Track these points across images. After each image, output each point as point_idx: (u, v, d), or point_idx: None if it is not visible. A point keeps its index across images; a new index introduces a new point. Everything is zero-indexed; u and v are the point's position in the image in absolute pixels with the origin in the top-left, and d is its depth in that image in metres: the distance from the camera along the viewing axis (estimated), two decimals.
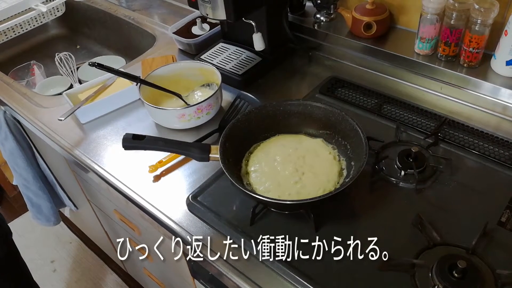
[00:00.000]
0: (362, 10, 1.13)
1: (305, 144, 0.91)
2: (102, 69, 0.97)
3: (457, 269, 0.68)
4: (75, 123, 1.12)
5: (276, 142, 0.92)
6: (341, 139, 0.90)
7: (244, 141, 0.92)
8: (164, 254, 1.14)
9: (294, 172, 0.85)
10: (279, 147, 0.91)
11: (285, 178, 0.84)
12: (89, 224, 1.71)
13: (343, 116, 0.88)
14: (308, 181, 0.84)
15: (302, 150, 0.89)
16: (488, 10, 0.93)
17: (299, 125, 0.94)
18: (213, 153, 0.84)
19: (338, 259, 0.76)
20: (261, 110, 0.92)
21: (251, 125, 0.91)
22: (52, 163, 1.46)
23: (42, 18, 1.62)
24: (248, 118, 0.91)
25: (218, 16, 1.00)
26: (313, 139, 0.93)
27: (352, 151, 0.87)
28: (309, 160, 0.87)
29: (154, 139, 0.87)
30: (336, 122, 0.90)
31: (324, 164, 0.87)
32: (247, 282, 0.75)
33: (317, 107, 0.92)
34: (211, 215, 0.85)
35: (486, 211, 0.81)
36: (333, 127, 0.91)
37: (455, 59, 1.05)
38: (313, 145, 0.91)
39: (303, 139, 0.93)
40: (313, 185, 0.83)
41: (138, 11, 1.56)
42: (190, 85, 1.13)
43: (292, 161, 0.87)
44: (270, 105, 0.93)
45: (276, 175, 0.85)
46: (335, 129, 0.91)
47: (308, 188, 0.83)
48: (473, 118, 1.00)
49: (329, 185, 0.83)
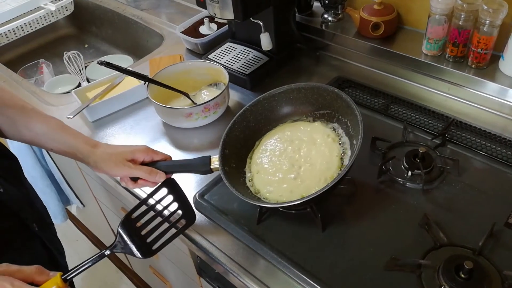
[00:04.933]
0: (370, 10, 1.13)
1: (302, 133, 0.89)
2: (111, 67, 0.98)
3: (464, 270, 0.68)
4: (83, 121, 1.12)
5: (272, 136, 0.91)
6: (341, 116, 0.87)
7: (248, 140, 0.91)
8: (170, 252, 1.15)
9: (291, 168, 0.84)
10: (274, 142, 0.89)
11: (284, 174, 0.84)
12: (96, 221, 1.72)
13: (337, 93, 0.85)
14: (306, 175, 0.82)
15: (297, 141, 0.88)
16: (496, 11, 0.93)
17: (298, 111, 0.92)
18: (214, 163, 0.82)
19: (344, 259, 0.76)
20: (256, 105, 0.91)
21: (250, 123, 0.91)
22: (60, 161, 1.47)
23: (51, 17, 1.64)
24: (244, 117, 0.90)
25: (226, 16, 1.00)
26: (311, 123, 0.91)
27: (352, 128, 0.84)
28: (304, 151, 0.86)
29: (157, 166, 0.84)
30: (332, 100, 0.87)
31: (322, 151, 0.85)
32: (253, 281, 0.76)
33: (310, 88, 0.90)
34: (218, 213, 0.85)
35: (493, 212, 0.80)
36: (330, 105, 0.88)
37: (463, 60, 1.05)
38: (310, 132, 0.89)
39: (299, 126, 0.91)
40: (312, 178, 0.81)
41: (146, 10, 1.57)
42: (197, 84, 1.13)
43: (288, 155, 0.86)
44: (264, 98, 0.91)
45: (276, 173, 0.84)
46: (333, 108, 0.88)
47: (307, 182, 0.81)
48: (481, 119, 1.00)
49: (330, 172, 0.81)
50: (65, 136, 0.82)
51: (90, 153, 0.80)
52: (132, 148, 0.81)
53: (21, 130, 0.82)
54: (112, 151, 0.80)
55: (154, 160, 0.82)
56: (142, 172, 0.79)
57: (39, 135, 0.83)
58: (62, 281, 0.61)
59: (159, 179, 0.80)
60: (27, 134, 0.83)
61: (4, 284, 0.55)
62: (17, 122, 0.82)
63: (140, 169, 0.79)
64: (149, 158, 0.82)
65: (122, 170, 0.79)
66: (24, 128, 0.82)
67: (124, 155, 0.80)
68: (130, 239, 0.69)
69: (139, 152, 0.81)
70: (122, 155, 0.80)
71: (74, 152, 0.82)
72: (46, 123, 0.83)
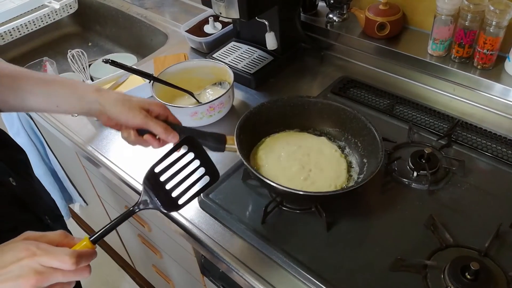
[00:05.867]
0: (376, 10, 1.13)
1: (309, 142, 0.91)
2: (116, 66, 0.98)
3: (470, 271, 0.68)
4: (87, 120, 1.12)
5: (280, 139, 0.92)
6: (350, 136, 0.90)
7: (253, 136, 0.91)
8: (173, 251, 1.15)
9: (301, 169, 0.85)
10: (283, 144, 0.90)
11: (293, 174, 0.84)
12: (99, 220, 1.72)
13: (355, 114, 0.88)
14: (317, 177, 0.83)
15: (305, 148, 0.89)
16: (503, 12, 0.93)
17: (308, 122, 0.94)
18: (229, 143, 0.79)
19: (349, 259, 0.76)
20: (273, 103, 0.91)
21: (261, 119, 0.91)
22: (63, 159, 1.47)
23: (55, 15, 1.64)
24: (259, 110, 0.90)
25: (232, 15, 1.00)
26: (317, 137, 0.92)
27: (364, 148, 0.87)
28: (314, 157, 0.87)
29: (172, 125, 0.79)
30: (347, 120, 0.89)
31: (331, 161, 0.87)
32: (258, 280, 0.76)
33: (328, 105, 0.91)
34: (222, 212, 0.85)
35: (499, 213, 0.80)
36: (343, 125, 0.91)
37: (469, 61, 1.05)
38: (317, 143, 0.91)
39: (306, 137, 0.92)
40: (323, 181, 0.83)
41: (150, 9, 1.57)
42: (201, 83, 1.13)
43: (297, 158, 0.87)
44: (281, 100, 0.92)
45: (284, 172, 0.85)
46: (345, 127, 0.91)
47: (318, 183, 0.82)
48: (486, 120, 1.00)
49: (339, 181, 0.83)
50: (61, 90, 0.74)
51: (97, 96, 0.72)
52: (148, 99, 0.75)
53: (24, 96, 0.75)
54: (124, 96, 0.73)
55: (168, 120, 0.76)
56: (158, 126, 0.72)
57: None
58: (91, 243, 0.59)
59: (173, 139, 0.73)
60: (31, 99, 0.75)
61: (30, 247, 0.54)
62: (17, 90, 0.75)
63: (157, 123, 0.72)
64: (164, 116, 0.75)
65: (137, 117, 0.71)
66: (28, 94, 0.75)
67: (140, 103, 0.73)
68: (154, 193, 0.66)
69: (156, 105, 0.74)
70: (138, 102, 0.73)
71: (76, 102, 0.74)
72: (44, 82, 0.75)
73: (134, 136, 0.73)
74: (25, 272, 0.53)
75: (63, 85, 0.74)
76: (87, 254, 0.57)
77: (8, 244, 0.56)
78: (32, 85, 0.74)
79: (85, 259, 0.57)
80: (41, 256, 0.54)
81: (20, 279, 0.52)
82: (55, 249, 0.55)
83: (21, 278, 0.52)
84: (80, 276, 0.57)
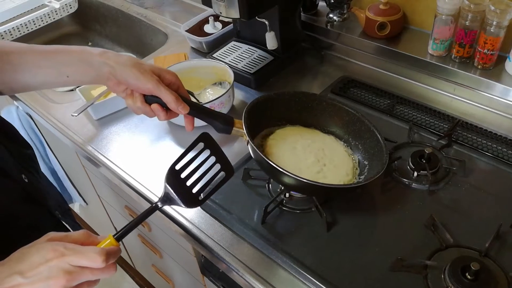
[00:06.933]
0: (376, 10, 1.13)
1: (321, 138, 0.91)
2: None
3: (470, 271, 0.68)
4: (87, 119, 1.12)
5: (292, 131, 0.91)
6: (351, 138, 0.90)
7: (257, 124, 0.89)
8: (174, 251, 1.15)
9: (316, 162, 0.84)
10: (296, 137, 0.89)
11: (307, 166, 0.83)
12: (99, 220, 1.72)
13: (359, 117, 0.88)
14: (330, 173, 0.83)
15: (319, 142, 0.89)
16: (504, 12, 0.93)
17: (310, 120, 0.93)
18: (237, 126, 0.77)
19: (349, 259, 0.76)
20: (280, 96, 0.90)
21: (266, 110, 0.89)
22: (63, 159, 1.47)
23: (55, 14, 1.63)
24: (266, 99, 0.88)
25: (232, 15, 1.00)
26: (327, 135, 0.92)
27: (365, 151, 0.87)
28: (328, 152, 0.87)
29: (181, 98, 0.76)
30: (350, 122, 0.90)
31: (342, 158, 0.87)
32: (258, 280, 0.76)
33: (332, 105, 0.91)
34: (222, 212, 0.85)
35: (500, 213, 0.80)
36: (345, 126, 0.91)
37: (469, 61, 1.05)
38: (328, 140, 0.91)
39: (317, 133, 0.92)
40: (334, 177, 0.82)
41: (150, 8, 1.57)
42: (201, 83, 1.13)
43: (313, 151, 0.86)
44: (288, 94, 0.91)
45: (298, 162, 0.84)
46: (347, 128, 0.91)
47: (330, 178, 0.82)
48: (487, 120, 0.99)
49: (347, 179, 0.83)
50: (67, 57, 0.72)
51: (105, 58, 0.69)
52: (159, 66, 0.72)
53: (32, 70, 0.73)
54: (134, 59, 0.70)
55: (179, 91, 0.73)
56: (170, 94, 0.68)
57: None
58: (115, 240, 0.60)
59: (183, 110, 0.70)
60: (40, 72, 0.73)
61: (57, 248, 0.54)
62: (25, 65, 0.73)
63: (168, 91, 0.68)
64: (176, 86, 0.72)
65: (150, 82, 0.67)
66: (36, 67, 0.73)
67: (152, 68, 0.69)
68: (175, 190, 0.67)
69: (168, 73, 0.71)
70: (150, 66, 0.69)
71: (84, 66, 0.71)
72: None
73: (141, 103, 0.69)
74: (55, 272, 0.53)
75: (69, 53, 0.72)
76: (113, 252, 0.58)
77: (34, 245, 0.56)
78: (39, 59, 0.72)
79: (113, 256, 0.57)
80: (70, 256, 0.54)
81: (50, 280, 0.53)
82: (83, 248, 0.56)
83: (51, 279, 0.53)
84: (107, 274, 0.57)
